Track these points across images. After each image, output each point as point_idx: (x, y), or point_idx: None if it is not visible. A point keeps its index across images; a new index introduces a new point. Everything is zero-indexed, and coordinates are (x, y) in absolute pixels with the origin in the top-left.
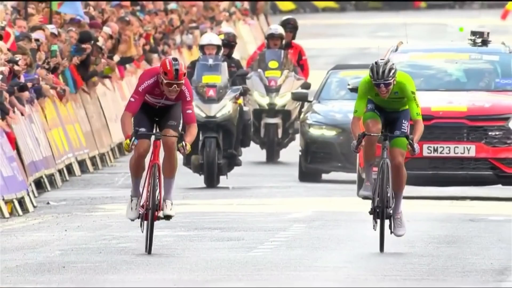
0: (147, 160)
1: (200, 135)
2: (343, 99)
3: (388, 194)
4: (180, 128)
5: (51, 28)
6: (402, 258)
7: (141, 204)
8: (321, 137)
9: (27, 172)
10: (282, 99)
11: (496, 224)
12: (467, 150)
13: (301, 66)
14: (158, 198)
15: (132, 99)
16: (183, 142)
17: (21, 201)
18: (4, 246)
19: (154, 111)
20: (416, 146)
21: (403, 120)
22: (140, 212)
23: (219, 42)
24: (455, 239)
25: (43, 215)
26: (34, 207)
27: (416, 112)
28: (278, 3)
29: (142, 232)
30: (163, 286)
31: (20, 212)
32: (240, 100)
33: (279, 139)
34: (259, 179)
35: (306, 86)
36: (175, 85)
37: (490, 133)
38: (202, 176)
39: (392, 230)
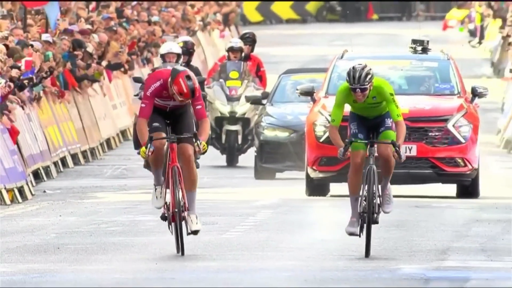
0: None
1: None
2: (295, 101)
3: (375, 201)
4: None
5: (46, 36)
6: (357, 240)
7: (166, 206)
8: (275, 138)
9: (26, 164)
10: (242, 108)
11: (439, 210)
12: (409, 149)
13: (259, 77)
14: (182, 199)
15: (143, 105)
16: (198, 141)
17: (20, 190)
18: (6, 230)
19: (165, 113)
20: (402, 153)
21: (386, 119)
22: (166, 214)
23: (179, 51)
24: (403, 223)
25: (40, 202)
26: (32, 195)
27: (396, 114)
28: (247, 15)
29: (172, 234)
30: (146, 265)
31: (20, 200)
32: None
33: (239, 145)
34: (228, 172)
35: (265, 95)
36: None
37: (430, 133)
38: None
39: (381, 207)
